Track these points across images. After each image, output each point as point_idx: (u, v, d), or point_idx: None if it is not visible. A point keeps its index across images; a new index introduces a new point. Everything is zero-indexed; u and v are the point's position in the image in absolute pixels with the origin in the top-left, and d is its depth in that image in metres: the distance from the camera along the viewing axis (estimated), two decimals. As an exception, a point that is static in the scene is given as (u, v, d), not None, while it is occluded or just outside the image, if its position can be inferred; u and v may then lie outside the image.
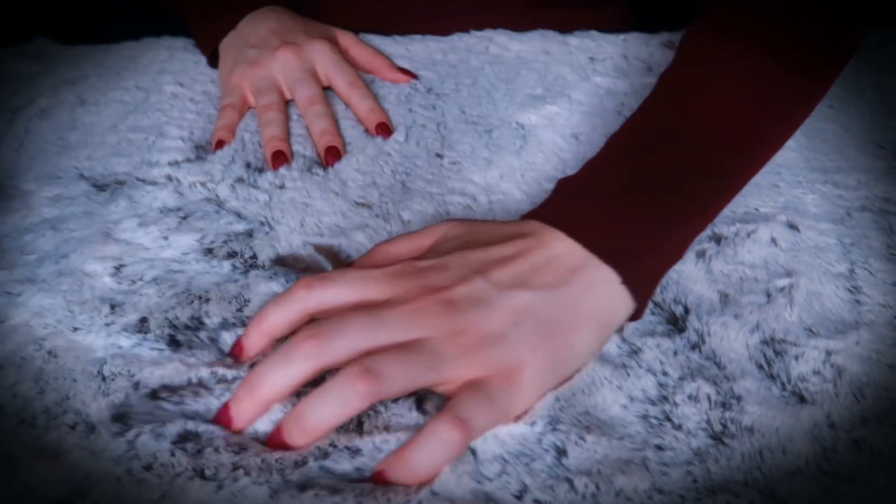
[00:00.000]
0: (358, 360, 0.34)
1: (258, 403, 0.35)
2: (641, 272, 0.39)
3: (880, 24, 0.66)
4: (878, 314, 0.41)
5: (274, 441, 0.35)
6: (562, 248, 0.38)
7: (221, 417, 0.35)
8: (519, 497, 0.32)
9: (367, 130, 0.55)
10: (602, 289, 0.38)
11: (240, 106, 0.57)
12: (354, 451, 0.35)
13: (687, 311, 0.41)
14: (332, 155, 0.53)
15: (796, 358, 0.39)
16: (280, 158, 0.52)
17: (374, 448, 0.35)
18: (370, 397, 0.33)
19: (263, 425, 0.35)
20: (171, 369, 0.38)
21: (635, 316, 0.40)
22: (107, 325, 0.40)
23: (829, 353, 0.39)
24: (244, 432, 0.35)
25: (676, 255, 0.41)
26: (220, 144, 0.54)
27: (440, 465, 0.33)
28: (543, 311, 0.36)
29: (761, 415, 0.36)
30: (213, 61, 0.62)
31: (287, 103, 0.58)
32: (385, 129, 0.55)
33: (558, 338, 0.36)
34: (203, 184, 0.50)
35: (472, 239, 0.40)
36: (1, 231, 0.46)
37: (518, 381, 0.35)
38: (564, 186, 0.42)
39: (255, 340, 0.38)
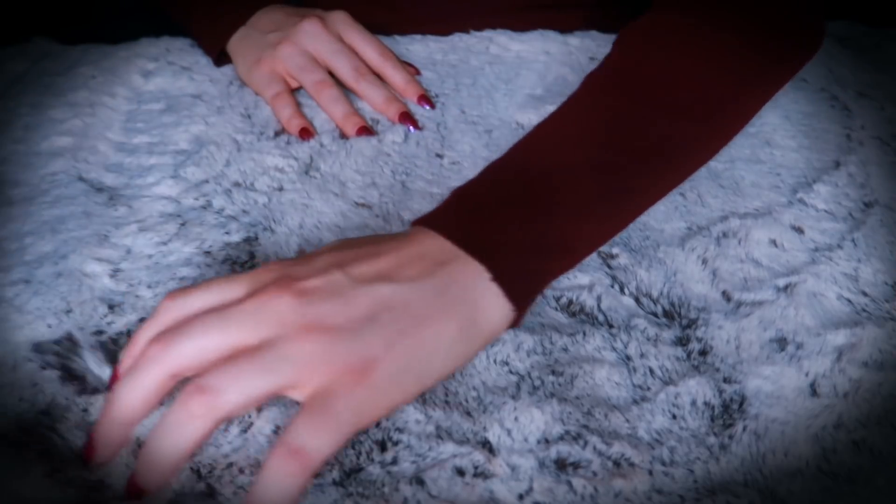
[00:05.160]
0: (193, 379, 0.31)
1: (118, 426, 0.32)
2: (514, 268, 0.36)
3: (878, 24, 0.66)
4: (880, 314, 0.41)
5: (131, 489, 0.31)
6: (431, 244, 0.36)
7: (87, 450, 0.33)
8: (521, 498, 0.32)
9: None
10: (469, 283, 0.35)
11: (287, 90, 0.57)
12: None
13: (689, 310, 0.41)
14: (406, 119, 0.55)
15: (799, 359, 0.38)
16: (365, 132, 0.54)
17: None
18: (210, 417, 0.30)
19: (265, 426, 0.36)
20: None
21: (515, 322, 0.37)
22: (106, 325, 0.40)
23: (833, 353, 0.39)
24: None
25: (565, 254, 0.39)
26: (305, 132, 0.54)
27: (291, 499, 0.30)
28: (402, 303, 0.33)
29: (763, 416, 0.36)
30: (220, 60, 0.62)
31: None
32: (426, 100, 0.57)
33: (418, 331, 0.33)
34: (203, 186, 0.50)
35: (350, 244, 0.37)
36: (0, 233, 0.46)
37: (371, 380, 0.32)
38: (453, 193, 0.40)
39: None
